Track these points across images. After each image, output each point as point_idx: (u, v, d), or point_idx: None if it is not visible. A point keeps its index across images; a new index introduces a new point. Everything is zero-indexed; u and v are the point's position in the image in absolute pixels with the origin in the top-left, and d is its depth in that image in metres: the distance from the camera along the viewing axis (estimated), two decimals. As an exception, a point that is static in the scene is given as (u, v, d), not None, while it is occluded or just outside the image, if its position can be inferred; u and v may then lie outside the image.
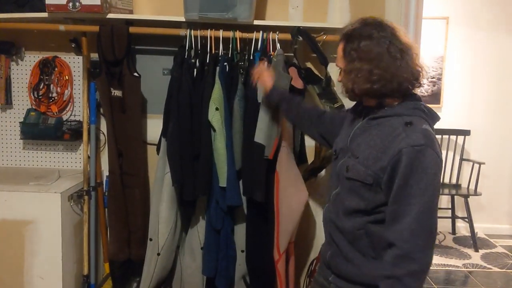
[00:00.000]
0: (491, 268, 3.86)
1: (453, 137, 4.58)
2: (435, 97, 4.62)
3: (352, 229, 1.48)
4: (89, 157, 2.56)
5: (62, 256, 2.26)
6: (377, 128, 1.45)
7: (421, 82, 1.48)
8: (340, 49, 1.50)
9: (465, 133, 4.54)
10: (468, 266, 3.89)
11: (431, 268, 1.55)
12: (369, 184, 1.41)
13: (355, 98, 1.56)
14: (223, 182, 2.32)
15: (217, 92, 2.28)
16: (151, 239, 2.45)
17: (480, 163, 4.38)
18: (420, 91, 4.81)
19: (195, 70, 2.35)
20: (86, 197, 2.47)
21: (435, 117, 1.48)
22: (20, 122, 2.59)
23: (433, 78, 4.63)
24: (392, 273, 1.36)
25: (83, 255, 2.48)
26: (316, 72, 2.54)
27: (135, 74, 2.45)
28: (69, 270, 2.36)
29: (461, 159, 4.55)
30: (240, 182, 2.35)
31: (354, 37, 1.45)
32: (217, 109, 2.26)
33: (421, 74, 1.46)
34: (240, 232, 2.46)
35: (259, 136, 2.24)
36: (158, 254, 2.40)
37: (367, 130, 1.49)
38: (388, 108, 1.45)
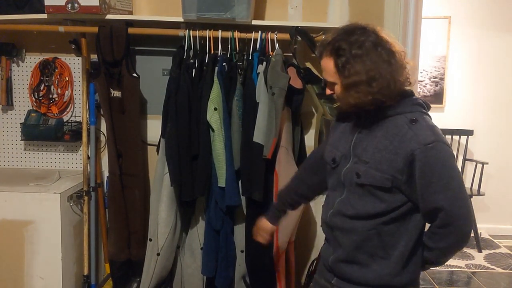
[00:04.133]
0: (494, 269, 3.83)
1: (456, 137, 4.56)
2: (438, 97, 4.60)
3: (363, 230, 1.46)
4: (89, 157, 2.56)
5: (62, 256, 2.27)
6: (381, 129, 1.44)
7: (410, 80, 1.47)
8: (330, 65, 1.44)
9: (468, 133, 4.52)
10: (471, 266, 3.86)
11: (432, 268, 1.56)
12: (388, 187, 1.41)
13: (356, 109, 1.51)
14: (222, 182, 2.32)
15: (215, 92, 2.28)
16: (150, 239, 2.45)
17: (483, 163, 4.35)
18: (422, 91, 4.79)
19: (193, 70, 2.36)
20: (86, 198, 2.48)
21: (429, 107, 1.49)
22: (20, 123, 2.61)
23: (436, 78, 4.61)
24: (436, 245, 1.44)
25: (83, 256, 2.49)
26: (315, 72, 2.54)
27: (134, 74, 2.46)
28: (69, 270, 2.36)
29: (464, 159, 4.52)
30: (239, 182, 2.35)
31: (343, 49, 1.40)
32: (215, 109, 2.27)
33: (409, 71, 1.45)
34: (239, 232, 2.46)
35: (258, 136, 2.25)
36: (158, 254, 2.40)
37: (370, 133, 1.47)
38: (388, 109, 1.44)
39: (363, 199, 1.46)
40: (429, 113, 1.49)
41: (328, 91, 1.53)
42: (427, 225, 1.49)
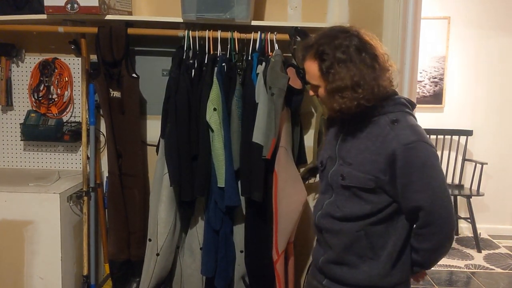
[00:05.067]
0: (493, 269, 3.83)
1: (455, 138, 4.57)
2: (437, 97, 4.61)
3: (351, 231, 1.47)
4: (88, 158, 2.57)
5: (62, 257, 2.27)
6: (364, 131, 1.45)
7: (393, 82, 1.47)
8: (314, 68, 1.45)
9: (468, 133, 4.53)
10: (471, 267, 3.86)
11: (432, 268, 1.57)
12: (372, 188, 1.41)
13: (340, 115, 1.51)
14: (221, 183, 2.32)
15: (215, 92, 2.28)
16: (150, 240, 2.45)
17: (482, 163, 4.36)
18: (422, 92, 4.80)
19: (193, 70, 2.36)
20: (85, 198, 2.48)
21: (413, 105, 1.50)
22: (20, 124, 2.61)
23: (435, 78, 4.61)
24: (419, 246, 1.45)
25: (82, 256, 2.49)
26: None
27: (134, 75, 2.46)
28: (69, 270, 2.37)
29: (464, 160, 4.53)
30: (239, 182, 2.35)
31: (326, 54, 1.40)
32: (215, 109, 2.27)
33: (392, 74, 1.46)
34: (239, 232, 2.46)
35: (257, 136, 2.25)
36: (157, 255, 2.40)
37: (354, 135, 1.48)
38: (371, 110, 1.44)
39: (349, 201, 1.47)
40: (428, 113, 1.50)
41: (311, 93, 1.54)
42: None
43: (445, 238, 1.42)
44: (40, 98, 2.61)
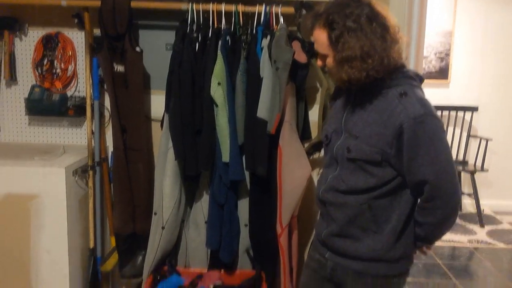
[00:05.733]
0: (496, 244, 3.86)
1: (460, 114, 4.54)
2: (443, 72, 4.57)
3: (355, 204, 1.48)
4: (93, 132, 2.57)
5: (68, 230, 2.29)
6: (372, 103, 1.44)
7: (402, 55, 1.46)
8: (323, 37, 1.43)
9: (473, 109, 4.51)
10: (474, 242, 3.89)
11: (435, 244, 1.58)
12: (378, 161, 1.40)
13: (348, 85, 1.50)
14: (225, 158, 2.32)
15: (219, 66, 2.27)
16: (155, 213, 2.47)
17: (487, 139, 4.35)
18: (427, 67, 4.77)
19: (197, 44, 2.33)
20: (91, 172, 2.49)
21: (421, 79, 1.49)
22: (24, 98, 2.60)
23: (441, 53, 4.57)
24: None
25: (88, 229, 2.51)
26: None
27: (137, 49, 2.44)
28: (75, 243, 2.39)
29: (469, 136, 4.52)
30: (243, 157, 2.36)
31: (336, 22, 1.38)
32: (219, 84, 2.26)
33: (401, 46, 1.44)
34: (243, 206, 2.48)
35: (262, 111, 2.24)
36: (163, 228, 2.43)
37: (361, 107, 1.47)
38: (379, 83, 1.43)
39: (354, 174, 1.47)
40: (434, 89, 1.50)
41: (319, 62, 1.52)
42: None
43: (450, 212, 1.42)
44: (44, 73, 2.60)
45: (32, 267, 2.29)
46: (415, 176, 1.39)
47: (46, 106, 2.57)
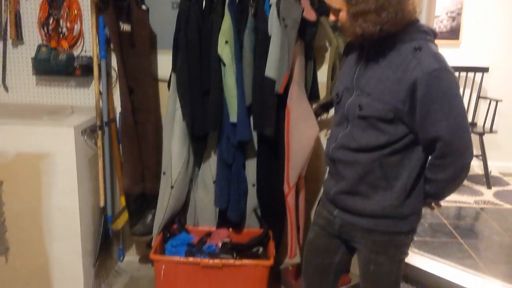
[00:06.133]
0: (502, 205, 3.88)
1: (470, 74, 4.48)
2: (454, 32, 4.48)
3: (366, 162, 1.47)
4: (100, 93, 2.56)
5: (78, 189, 2.32)
6: (385, 60, 1.42)
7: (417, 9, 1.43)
8: None
9: (483, 70, 4.44)
10: (480, 202, 3.91)
11: (441, 204, 1.58)
12: (390, 118, 1.40)
13: (361, 40, 1.48)
14: (233, 118, 2.32)
15: (226, 24, 2.23)
16: (164, 173, 2.50)
17: (497, 101, 4.30)
18: (438, 27, 4.67)
19: (203, 2, 2.29)
20: (99, 132, 2.50)
21: (435, 34, 1.46)
22: (31, 58, 2.59)
23: (453, 12, 4.46)
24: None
25: (99, 188, 2.55)
26: (329, 3, 2.45)
27: (143, 7, 2.41)
28: (86, 202, 2.43)
29: (478, 97, 4.47)
30: (251, 117, 2.35)
31: None
32: (226, 42, 2.23)
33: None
34: (251, 166, 2.49)
35: (270, 70, 2.22)
36: (172, 187, 2.45)
37: (374, 64, 1.45)
38: (392, 38, 1.41)
39: (366, 132, 1.46)
40: (444, 49, 1.46)
41: (332, 17, 1.49)
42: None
43: (461, 169, 1.42)
44: (50, 32, 2.58)
45: (44, 224, 2.34)
46: (428, 133, 1.38)
47: (53, 66, 2.56)
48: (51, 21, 2.58)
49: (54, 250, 2.37)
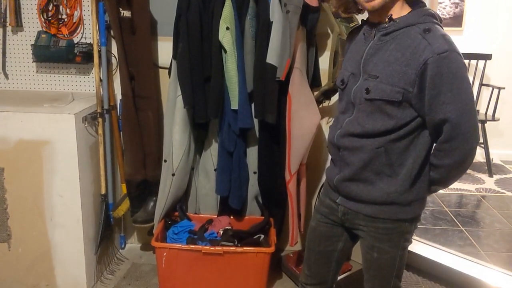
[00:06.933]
0: (504, 193, 3.88)
1: (473, 62, 4.45)
2: (457, 19, 4.44)
3: (371, 148, 1.46)
4: (101, 80, 2.55)
5: (80, 175, 2.32)
6: (393, 42, 1.41)
7: None
8: None
9: (486, 57, 4.40)
10: (481, 190, 3.91)
11: (442, 191, 1.57)
12: (398, 101, 1.39)
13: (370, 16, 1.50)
14: (234, 105, 2.31)
15: (227, 10, 2.21)
16: (165, 161, 2.49)
17: (500, 88, 4.27)
18: (441, 13, 4.62)
19: (205, -13, 2.27)
20: (100, 120, 2.50)
21: (440, 19, 1.46)
22: (31, 45, 2.57)
23: (456, -1, 4.42)
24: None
25: (100, 176, 2.55)
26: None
27: (144, -8, 2.38)
28: (87, 189, 2.43)
29: (481, 84, 4.44)
30: (252, 104, 2.34)
31: None
32: (227, 28, 2.21)
33: None
34: (252, 154, 2.49)
35: (271, 57, 2.20)
36: (173, 175, 2.45)
37: (381, 48, 1.44)
38: (399, 20, 1.40)
39: (372, 117, 1.45)
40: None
41: None
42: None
43: (467, 153, 1.41)
44: (50, 18, 2.56)
45: (46, 211, 2.34)
46: (436, 115, 1.36)
47: (53, 53, 2.55)
48: (50, 7, 2.56)
49: (56, 237, 2.38)
